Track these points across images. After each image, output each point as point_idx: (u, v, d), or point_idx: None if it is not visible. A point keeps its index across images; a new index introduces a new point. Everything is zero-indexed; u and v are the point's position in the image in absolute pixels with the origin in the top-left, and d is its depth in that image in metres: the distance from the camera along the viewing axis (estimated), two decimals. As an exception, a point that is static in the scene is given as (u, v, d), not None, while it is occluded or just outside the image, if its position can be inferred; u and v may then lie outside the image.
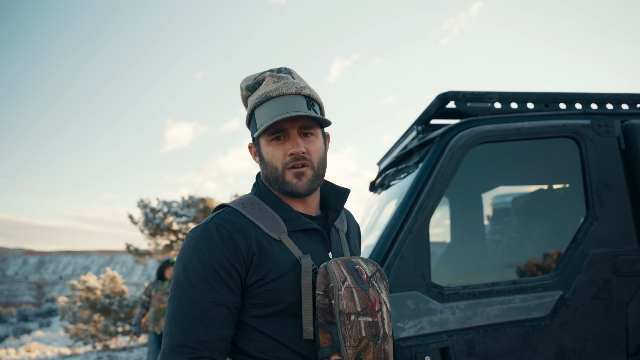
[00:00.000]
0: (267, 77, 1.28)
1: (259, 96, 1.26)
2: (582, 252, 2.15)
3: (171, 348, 1.10)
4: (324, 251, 1.28)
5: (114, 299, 12.52)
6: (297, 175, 1.24)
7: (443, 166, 2.17)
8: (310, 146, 1.25)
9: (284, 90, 1.24)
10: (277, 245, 1.21)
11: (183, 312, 1.12)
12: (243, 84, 1.33)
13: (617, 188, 2.24)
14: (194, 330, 1.11)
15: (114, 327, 12.34)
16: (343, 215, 1.49)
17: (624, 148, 2.29)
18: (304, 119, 1.24)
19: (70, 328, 12.61)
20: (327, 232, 1.33)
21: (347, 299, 1.15)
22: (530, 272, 2.35)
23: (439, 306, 2.01)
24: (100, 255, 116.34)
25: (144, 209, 12.94)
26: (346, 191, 1.37)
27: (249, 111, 1.30)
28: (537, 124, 2.29)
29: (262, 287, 1.17)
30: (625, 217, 2.21)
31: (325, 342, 1.15)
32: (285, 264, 1.19)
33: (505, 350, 2.01)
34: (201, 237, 1.17)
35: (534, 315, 2.06)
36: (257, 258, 1.17)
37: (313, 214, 1.34)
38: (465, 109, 2.37)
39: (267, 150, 1.26)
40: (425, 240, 2.08)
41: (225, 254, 1.15)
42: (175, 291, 1.15)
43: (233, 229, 1.18)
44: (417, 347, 1.93)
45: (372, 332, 1.17)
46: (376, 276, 1.25)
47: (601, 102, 2.45)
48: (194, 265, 1.15)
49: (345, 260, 1.22)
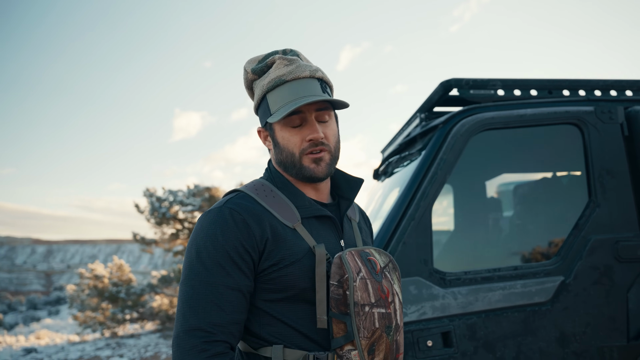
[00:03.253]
0: (277, 59, 1.26)
1: (272, 80, 1.23)
2: (584, 238, 2.16)
3: (185, 331, 1.09)
4: (336, 239, 1.28)
5: (122, 287, 12.64)
6: (315, 161, 1.23)
7: (445, 153, 2.19)
8: (327, 130, 1.25)
9: (298, 74, 1.22)
10: (291, 233, 1.20)
11: (197, 296, 1.11)
12: (248, 67, 1.30)
13: (620, 175, 2.24)
14: (209, 313, 1.10)
15: (121, 314, 12.47)
16: (355, 206, 1.49)
17: (627, 135, 2.30)
18: (320, 102, 1.22)
19: (79, 316, 12.76)
20: (339, 220, 1.33)
21: (362, 290, 1.15)
22: (532, 258, 2.37)
23: (440, 291, 2.04)
24: (108, 245, 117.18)
25: (150, 198, 13.02)
26: (360, 180, 1.36)
27: (260, 95, 1.27)
28: (540, 110, 2.30)
29: (275, 273, 1.17)
30: (627, 204, 2.22)
31: (338, 332, 1.15)
32: (299, 251, 1.18)
33: (507, 334, 2.04)
34: (215, 220, 1.16)
35: (535, 301, 2.08)
36: (271, 244, 1.17)
37: (325, 201, 1.33)
38: (468, 97, 2.37)
39: (282, 135, 1.24)
40: (427, 227, 2.10)
41: (239, 238, 1.14)
42: (189, 274, 1.14)
43: (247, 214, 1.17)
44: (419, 332, 1.96)
45: (385, 324, 1.17)
46: (389, 267, 1.25)
47: (604, 88, 2.44)
48: (207, 249, 1.14)
49: (359, 250, 1.22)
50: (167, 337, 11.30)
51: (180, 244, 13.32)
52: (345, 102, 1.25)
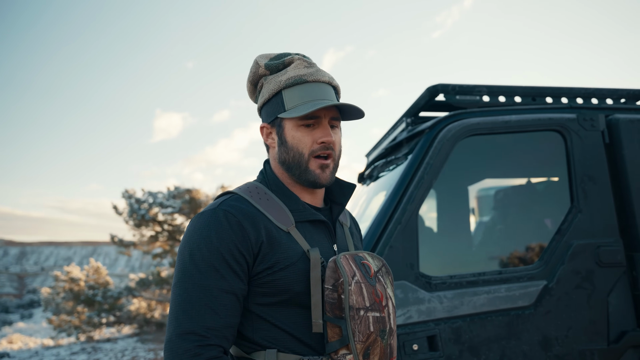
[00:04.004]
0: (296, 59, 1.27)
1: (291, 77, 1.23)
2: (566, 243, 2.20)
3: (178, 335, 1.07)
4: (329, 244, 1.28)
5: (98, 290, 12.42)
6: (321, 167, 1.24)
7: (432, 158, 2.20)
8: (336, 138, 1.26)
9: (319, 77, 1.24)
10: (286, 236, 1.20)
11: (190, 299, 1.09)
12: (262, 61, 1.29)
13: (601, 181, 2.29)
14: (202, 317, 1.08)
15: (97, 318, 12.25)
16: (346, 212, 1.50)
17: (608, 142, 2.35)
18: (335, 109, 1.24)
19: (54, 319, 12.48)
20: (332, 224, 1.33)
21: (357, 294, 1.15)
22: (515, 263, 2.40)
23: (426, 295, 2.05)
24: (83, 247, 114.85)
25: (129, 200, 12.83)
26: (352, 186, 1.36)
27: (275, 91, 1.25)
28: (524, 117, 2.33)
29: (269, 276, 1.16)
30: (608, 210, 2.26)
31: (333, 337, 1.15)
32: (293, 254, 1.18)
33: (491, 338, 2.06)
34: (209, 222, 1.15)
35: (519, 305, 2.11)
36: (265, 247, 1.16)
37: (319, 206, 1.34)
38: (454, 102, 2.40)
39: (293, 134, 1.24)
40: (413, 231, 2.12)
41: (234, 240, 1.13)
42: (182, 277, 1.12)
43: (242, 216, 1.16)
44: (405, 336, 1.96)
45: (379, 327, 1.17)
46: (382, 271, 1.26)
47: (586, 96, 2.50)
48: (201, 251, 1.12)
49: (353, 254, 1.22)
50: (144, 341, 11.13)
51: (159, 247, 13.15)
52: (362, 112, 1.26)
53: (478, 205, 3.94)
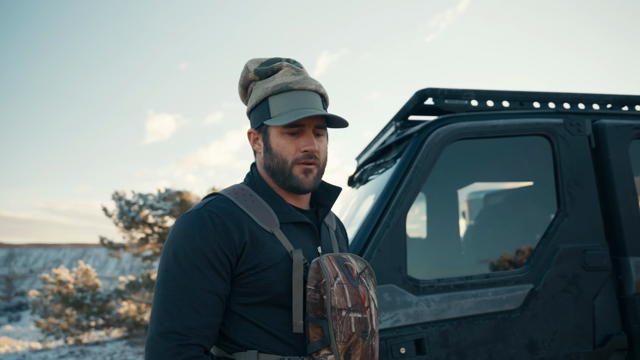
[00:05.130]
0: (284, 66, 1.27)
1: (278, 85, 1.24)
2: (553, 246, 2.22)
3: (159, 334, 1.08)
4: (314, 245, 1.29)
5: (87, 293, 12.30)
6: (304, 172, 1.24)
7: (420, 162, 2.21)
8: (320, 145, 1.27)
9: (305, 85, 1.24)
10: (270, 237, 1.21)
11: (172, 298, 1.10)
12: (251, 66, 1.30)
13: (587, 185, 2.31)
14: (184, 316, 1.09)
15: (86, 321, 12.13)
16: (332, 214, 1.51)
17: (594, 147, 2.37)
18: (320, 118, 1.24)
19: (42, 322, 12.33)
20: (317, 227, 1.34)
21: (339, 295, 1.16)
22: (502, 266, 2.41)
23: (414, 299, 2.06)
24: (73, 249, 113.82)
25: (119, 202, 12.73)
26: (338, 189, 1.38)
27: (261, 97, 1.26)
28: (512, 122, 2.35)
29: (252, 277, 1.17)
30: (594, 214, 2.28)
31: (315, 337, 1.16)
32: (276, 255, 1.19)
33: (478, 341, 2.06)
34: (193, 222, 1.16)
35: (506, 308, 2.12)
36: (249, 247, 1.17)
37: (304, 208, 1.35)
38: (442, 106, 2.41)
39: (278, 141, 1.25)
40: (402, 234, 2.12)
41: (217, 240, 1.14)
42: (165, 276, 1.13)
43: (226, 217, 1.17)
44: (392, 339, 1.96)
45: (361, 328, 1.18)
46: (365, 273, 1.27)
47: (573, 101, 2.52)
48: (184, 251, 1.13)
49: (337, 256, 1.24)
50: (134, 344, 11.04)
51: (149, 249, 13.06)
52: (346, 122, 1.27)
53: (469, 209, 3.96)
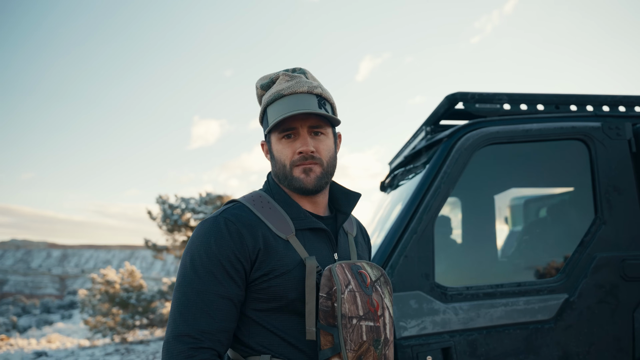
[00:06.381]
0: (280, 76, 1.30)
1: (271, 94, 1.28)
2: (589, 255, 2.13)
3: (174, 337, 1.12)
4: (330, 252, 1.29)
5: (132, 293, 12.72)
6: (304, 171, 1.26)
7: (449, 167, 2.18)
8: (320, 145, 1.27)
9: (296, 89, 1.26)
10: (284, 244, 1.22)
11: (188, 303, 1.14)
12: (258, 83, 1.36)
13: (627, 191, 2.21)
14: (198, 321, 1.13)
15: (131, 320, 12.54)
16: (353, 221, 1.50)
17: (635, 151, 2.26)
18: (313, 117, 1.25)
19: (90, 320, 12.85)
20: (334, 233, 1.34)
21: (350, 303, 1.16)
22: (536, 275, 2.34)
23: (442, 306, 2.02)
24: (122, 250, 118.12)
25: (163, 205, 13.13)
26: (357, 195, 1.38)
27: (262, 109, 1.33)
28: (546, 125, 2.28)
29: (265, 283, 1.19)
30: (634, 221, 2.18)
31: (326, 344, 1.16)
32: (290, 262, 1.20)
33: (508, 352, 2.01)
34: (209, 230, 1.20)
35: (538, 318, 2.05)
36: (262, 254, 1.19)
37: (321, 214, 1.35)
38: (473, 110, 2.37)
39: (277, 147, 1.28)
40: (429, 241, 2.09)
41: (232, 247, 1.17)
42: (182, 281, 1.18)
43: (241, 224, 1.20)
44: (418, 347, 1.94)
45: (373, 337, 1.18)
46: (380, 281, 1.26)
47: (613, 104, 2.42)
48: (200, 257, 1.17)
49: (350, 263, 1.24)
50: (175, 344, 11.30)
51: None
52: (335, 118, 1.27)
53: (511, 215, 3.85)
